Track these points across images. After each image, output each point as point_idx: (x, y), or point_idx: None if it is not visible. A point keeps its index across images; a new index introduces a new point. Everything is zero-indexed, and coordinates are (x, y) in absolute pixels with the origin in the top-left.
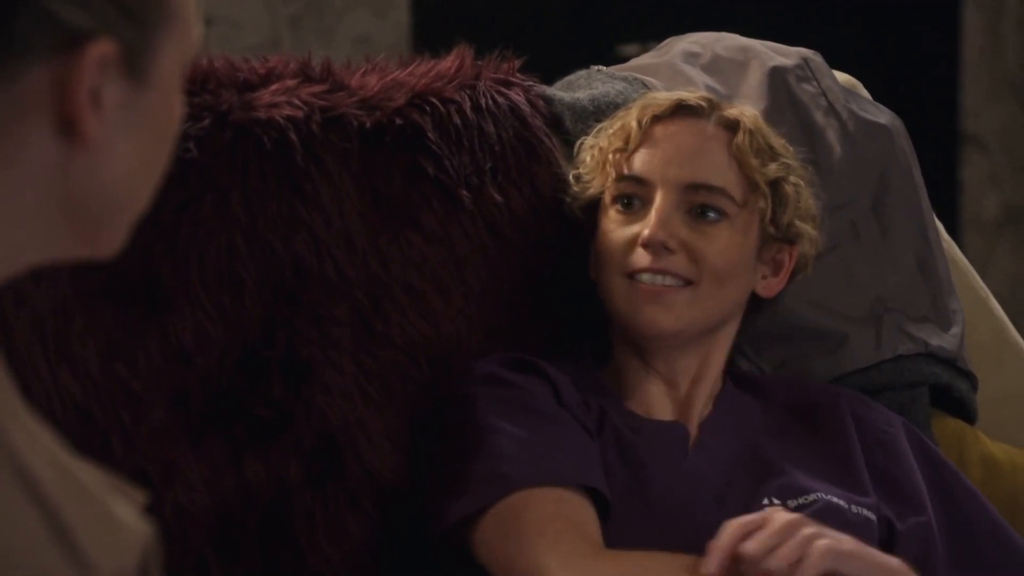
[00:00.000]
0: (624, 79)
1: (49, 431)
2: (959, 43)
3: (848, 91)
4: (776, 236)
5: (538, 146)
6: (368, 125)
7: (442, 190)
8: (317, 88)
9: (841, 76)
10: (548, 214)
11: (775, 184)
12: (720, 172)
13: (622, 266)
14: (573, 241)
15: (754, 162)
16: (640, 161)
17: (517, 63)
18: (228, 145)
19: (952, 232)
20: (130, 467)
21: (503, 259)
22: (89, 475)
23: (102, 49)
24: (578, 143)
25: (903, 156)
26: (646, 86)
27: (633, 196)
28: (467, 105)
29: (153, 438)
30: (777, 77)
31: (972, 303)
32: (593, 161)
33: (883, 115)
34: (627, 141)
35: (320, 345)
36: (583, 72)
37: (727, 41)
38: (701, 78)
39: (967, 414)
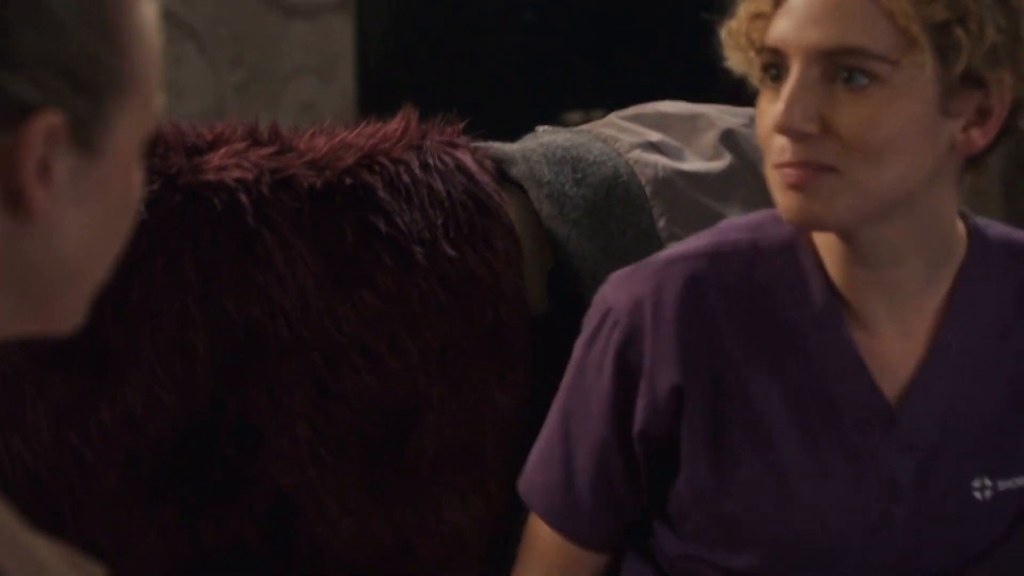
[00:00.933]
0: (569, 131)
1: (4, 505)
2: None
3: None
4: (961, 84)
5: (488, 201)
6: (318, 186)
7: (395, 247)
8: (266, 151)
9: None
10: (502, 268)
11: (943, 29)
12: (864, 27)
13: (767, 151)
14: (528, 293)
15: (908, 7)
16: (775, 29)
17: (461, 125)
18: (178, 208)
19: None
20: (82, 534)
21: (459, 314)
22: (47, 553)
23: (50, 121)
24: (723, 27)
25: None
26: (591, 133)
27: (777, 68)
28: (415, 164)
29: (105, 505)
30: (729, 139)
31: None
32: (736, 32)
33: None
34: (766, 5)
35: (272, 408)
36: (528, 135)
37: (672, 104)
38: (649, 133)
39: None
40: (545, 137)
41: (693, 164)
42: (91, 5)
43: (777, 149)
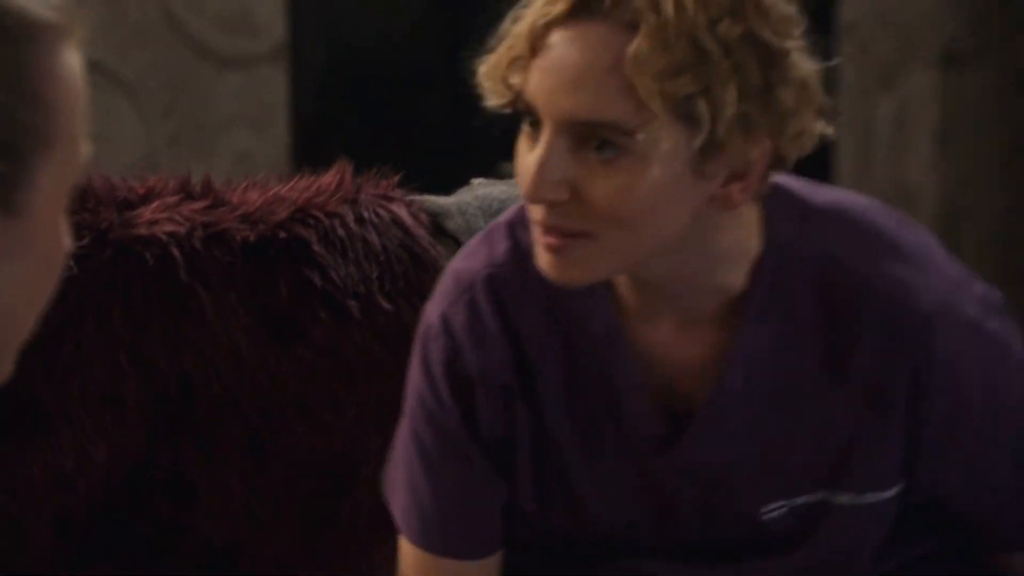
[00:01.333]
0: (505, 183)
1: None
2: (831, 162)
3: None
4: (714, 149)
5: (423, 255)
6: (252, 239)
7: (330, 301)
8: (198, 205)
9: None
10: None
11: (688, 102)
12: (611, 100)
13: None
14: None
15: (650, 82)
16: (530, 83)
17: (396, 178)
18: (109, 263)
19: None
20: None
21: (395, 368)
22: None
23: None
24: (478, 62)
25: None
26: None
27: (534, 118)
28: (350, 218)
29: (36, 562)
30: None
31: None
32: (491, 72)
33: None
34: (521, 50)
35: (206, 464)
36: (464, 188)
37: None
38: None
39: None
40: (481, 190)
41: None
42: (11, 66)
43: (531, 208)
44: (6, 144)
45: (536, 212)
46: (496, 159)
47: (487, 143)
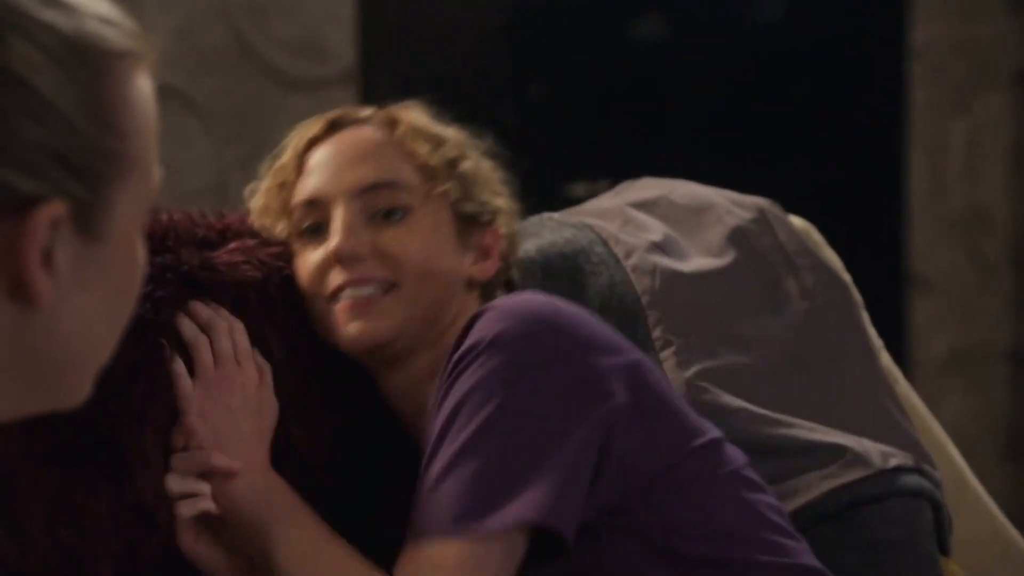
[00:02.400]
0: (574, 226)
1: None
2: (904, 185)
3: (803, 241)
4: (471, 217)
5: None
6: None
7: None
8: (275, 249)
9: (796, 220)
10: None
11: (451, 165)
12: (391, 167)
13: (321, 291)
14: None
15: (422, 149)
16: (308, 185)
17: None
18: (186, 303)
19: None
20: None
21: None
22: None
23: (52, 211)
24: (247, 189)
25: (856, 307)
26: (594, 232)
27: (316, 223)
28: None
29: None
30: (736, 235)
31: (931, 448)
32: (267, 204)
33: (833, 263)
34: (288, 174)
35: None
36: (534, 219)
37: (682, 189)
38: (656, 225)
39: (943, 547)
40: (547, 235)
41: (695, 263)
42: (89, 94)
43: (333, 279)
44: (86, 172)
45: (341, 274)
46: (561, 183)
47: (553, 167)
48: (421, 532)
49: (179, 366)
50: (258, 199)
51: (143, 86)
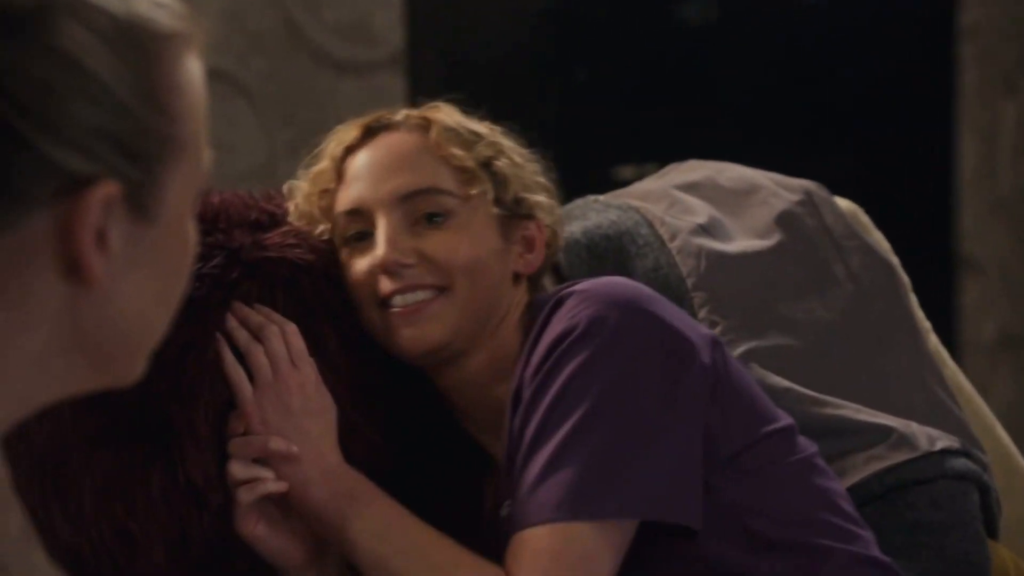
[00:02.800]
0: (619, 207)
1: (50, 568)
2: (953, 167)
3: (850, 223)
4: (512, 213)
5: None
6: None
7: None
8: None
9: (842, 203)
10: None
11: (487, 165)
12: (428, 172)
13: (372, 297)
14: None
15: (457, 151)
16: (349, 194)
17: None
18: (238, 283)
19: (950, 357)
20: None
21: None
22: None
23: (105, 191)
24: (286, 187)
25: (903, 289)
26: (640, 213)
27: (360, 231)
28: None
29: None
30: (782, 218)
31: (979, 431)
32: (308, 210)
33: (880, 245)
34: (329, 181)
35: None
36: (579, 201)
37: (729, 172)
38: (702, 207)
39: (991, 530)
40: (593, 217)
41: (740, 244)
42: (141, 75)
43: (382, 287)
44: (139, 153)
45: (390, 283)
46: (609, 166)
47: (600, 150)
48: (531, 518)
49: (238, 373)
50: (299, 202)
51: (193, 68)
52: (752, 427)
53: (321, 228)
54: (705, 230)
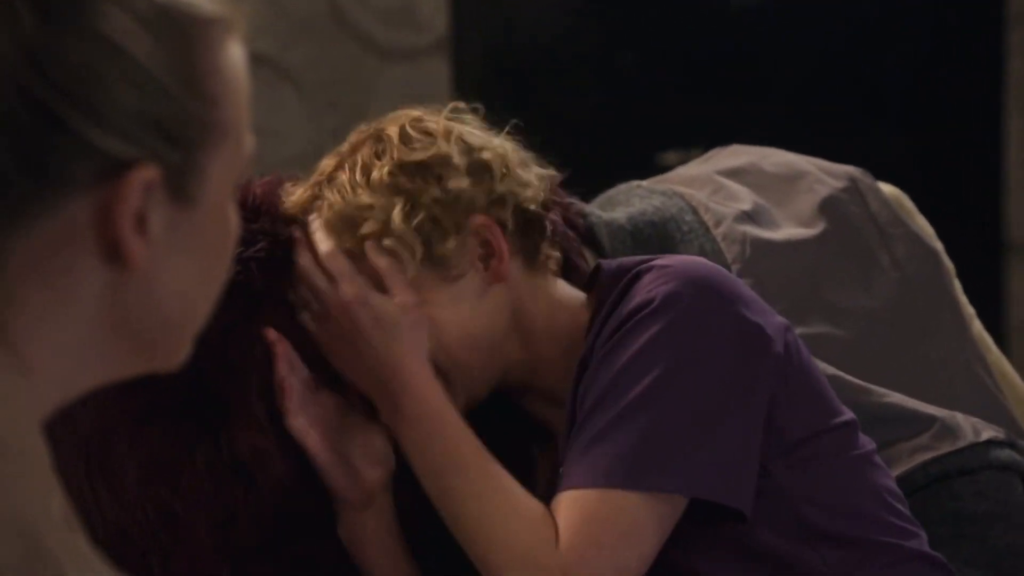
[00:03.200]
0: (663, 193)
1: (93, 551)
2: (1001, 152)
3: (895, 210)
4: (443, 252)
5: (569, 260)
6: None
7: None
8: None
9: (887, 188)
10: None
11: (387, 231)
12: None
13: None
14: None
15: (346, 244)
16: None
17: (558, 179)
18: (281, 265)
19: (998, 343)
20: None
21: None
22: None
23: (145, 175)
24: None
25: (948, 276)
26: (684, 200)
27: None
28: None
29: (190, 561)
30: (827, 205)
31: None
32: None
33: (925, 232)
34: None
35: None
36: (623, 187)
37: (773, 158)
38: (746, 193)
39: None
40: (637, 203)
41: (785, 232)
42: (181, 60)
43: None
44: (179, 137)
45: None
46: (654, 152)
47: (645, 136)
48: (583, 479)
49: (293, 408)
50: None
51: (234, 53)
52: (817, 418)
53: None
54: (750, 217)
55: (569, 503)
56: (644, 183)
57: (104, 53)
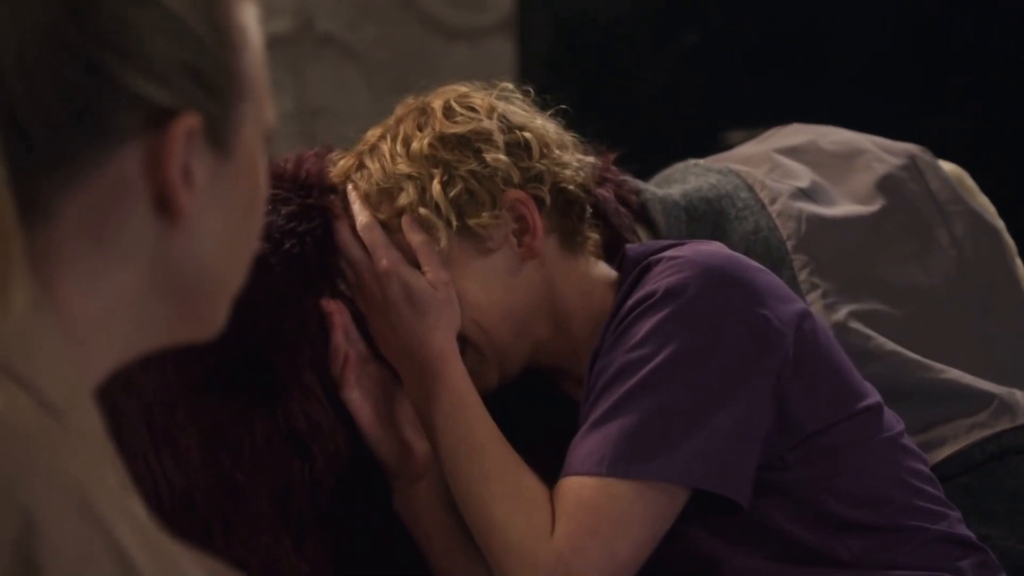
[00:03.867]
0: (719, 171)
1: (149, 517)
2: None
3: (955, 188)
4: (482, 224)
5: (620, 238)
6: None
7: None
8: None
9: (947, 166)
10: None
11: (423, 200)
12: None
13: None
14: None
15: (382, 215)
16: None
17: (612, 156)
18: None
19: None
20: (231, 557)
21: None
22: (187, 561)
23: (188, 123)
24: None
25: (1009, 255)
26: (740, 177)
27: None
28: None
29: (251, 527)
30: (886, 182)
31: None
32: None
33: (987, 210)
34: None
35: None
36: (680, 165)
37: (832, 136)
38: (803, 171)
39: None
40: (692, 180)
41: (841, 208)
42: (209, 11)
43: None
44: (214, 85)
45: None
46: (718, 131)
47: (709, 114)
48: (578, 466)
49: (350, 379)
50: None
51: (251, 14)
52: (840, 404)
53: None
54: (806, 194)
55: (565, 490)
56: (701, 161)
57: (140, 4)
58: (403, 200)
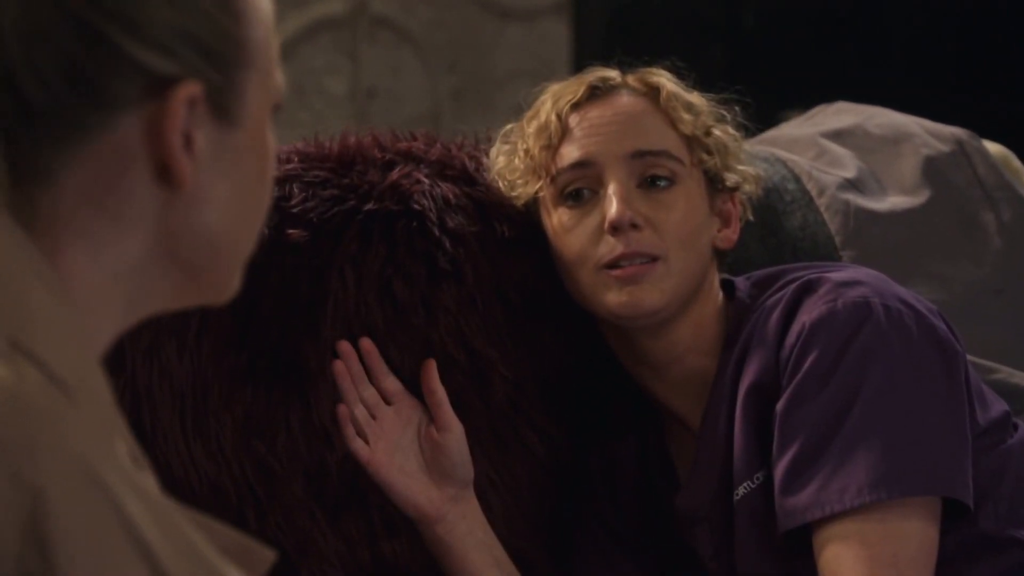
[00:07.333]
0: (766, 160)
1: (160, 490)
2: None
3: (1002, 173)
4: (721, 188)
5: None
6: (507, 234)
7: None
8: (453, 184)
9: (993, 148)
10: None
11: (707, 134)
12: (659, 135)
13: (593, 261)
14: None
15: (686, 117)
16: (575, 148)
17: None
18: (367, 226)
19: None
20: (265, 538)
21: None
22: (207, 536)
23: (189, 91)
24: (493, 150)
25: None
26: (787, 167)
27: (581, 187)
28: None
29: (287, 515)
30: (932, 168)
31: None
32: (523, 164)
33: None
34: (551, 136)
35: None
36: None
37: (879, 118)
38: (849, 159)
39: None
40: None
41: (889, 201)
42: None
43: (607, 249)
44: (219, 55)
45: (612, 247)
46: (776, 110)
47: (767, 94)
48: (835, 504)
49: (350, 433)
50: (507, 159)
51: None
52: (983, 409)
53: (518, 192)
54: (853, 185)
55: (823, 539)
56: (746, 147)
57: None
58: (706, 119)
